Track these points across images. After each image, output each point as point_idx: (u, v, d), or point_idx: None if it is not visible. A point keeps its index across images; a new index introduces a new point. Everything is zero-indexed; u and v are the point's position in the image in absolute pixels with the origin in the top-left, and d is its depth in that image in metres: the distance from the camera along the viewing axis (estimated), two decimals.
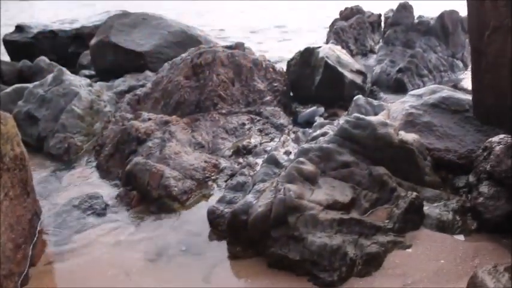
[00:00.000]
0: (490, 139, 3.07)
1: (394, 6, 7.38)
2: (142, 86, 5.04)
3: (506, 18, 2.27)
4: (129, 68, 5.83)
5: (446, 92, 3.72)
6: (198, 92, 4.25)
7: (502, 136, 2.99)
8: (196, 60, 4.38)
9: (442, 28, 6.77)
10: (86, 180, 3.83)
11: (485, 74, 2.54)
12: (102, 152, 4.04)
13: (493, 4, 2.30)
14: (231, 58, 4.43)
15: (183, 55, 4.62)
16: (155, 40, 6.06)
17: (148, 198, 3.35)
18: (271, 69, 4.74)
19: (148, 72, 5.61)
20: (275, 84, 4.70)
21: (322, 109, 4.72)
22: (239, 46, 4.76)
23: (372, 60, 7.08)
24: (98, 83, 5.53)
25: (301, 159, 2.81)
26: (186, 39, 6.04)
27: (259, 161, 3.37)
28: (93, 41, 6.52)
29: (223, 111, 4.20)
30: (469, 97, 3.39)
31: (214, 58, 4.36)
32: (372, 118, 3.09)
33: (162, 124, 3.89)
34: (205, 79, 4.28)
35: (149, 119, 3.95)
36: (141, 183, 3.41)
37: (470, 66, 3.89)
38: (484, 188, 2.90)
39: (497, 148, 2.93)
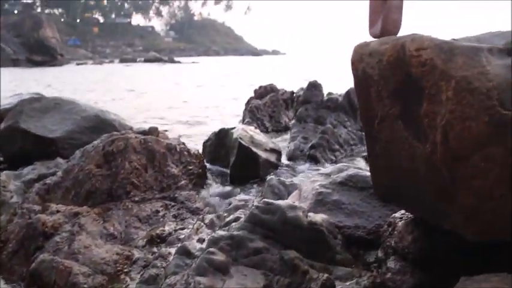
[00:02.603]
0: (394, 214, 3.24)
1: (305, 84, 7.84)
2: (53, 174, 4.86)
3: (391, 108, 2.48)
4: (39, 155, 5.63)
5: (352, 170, 3.91)
6: (110, 180, 4.17)
7: (403, 211, 3.16)
8: (108, 147, 4.33)
9: (350, 104, 7.23)
10: None
11: (379, 158, 2.71)
12: (5, 249, 3.79)
13: (378, 96, 2.51)
14: (143, 144, 4.43)
15: (95, 142, 4.55)
16: (68, 126, 5.94)
17: None
18: (186, 153, 4.78)
19: (59, 160, 5.45)
20: (190, 168, 4.72)
21: (238, 190, 4.78)
22: (153, 131, 4.78)
23: (286, 136, 7.36)
24: (5, 172, 5.27)
25: (211, 249, 2.80)
26: (100, 124, 5.98)
27: (173, 250, 3.30)
28: (1, 126, 6.29)
29: (137, 198, 4.13)
30: None
31: (126, 145, 4.33)
32: (281, 202, 3.16)
33: (71, 216, 3.74)
34: (117, 167, 4.23)
35: (58, 211, 3.79)
36: (47, 282, 3.20)
37: None
38: (391, 263, 3.00)
39: (399, 224, 3.08)
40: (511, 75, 2.02)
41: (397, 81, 2.38)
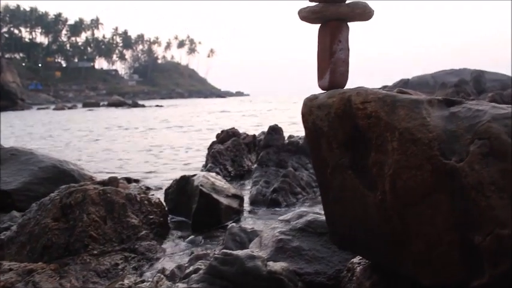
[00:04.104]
0: (352, 260, 3.27)
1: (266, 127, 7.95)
2: (7, 229, 4.71)
3: (342, 158, 2.55)
4: None
5: (311, 215, 3.95)
6: (67, 234, 4.06)
7: (361, 256, 3.20)
8: (65, 200, 4.24)
9: None
10: None
11: (334, 206, 2.76)
12: None
13: (328, 147, 2.59)
14: (102, 195, 4.36)
15: (52, 194, 4.45)
16: (24, 177, 5.80)
17: None
18: (146, 202, 4.73)
19: (15, 213, 5.28)
20: (151, 217, 4.66)
21: (200, 238, 4.73)
22: (112, 181, 4.73)
23: (249, 180, 7.39)
24: None
25: None
26: (58, 175, 5.87)
27: None
28: None
29: (95, 252, 4.02)
30: None
31: (84, 197, 4.26)
32: (240, 252, 3.16)
33: (25, 274, 3.61)
34: (75, 220, 4.13)
35: (10, 270, 3.65)
36: None
37: None
38: None
39: (358, 269, 3.12)
40: (449, 125, 2.13)
41: (346, 132, 2.47)
